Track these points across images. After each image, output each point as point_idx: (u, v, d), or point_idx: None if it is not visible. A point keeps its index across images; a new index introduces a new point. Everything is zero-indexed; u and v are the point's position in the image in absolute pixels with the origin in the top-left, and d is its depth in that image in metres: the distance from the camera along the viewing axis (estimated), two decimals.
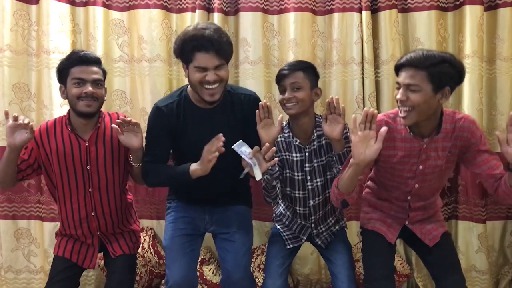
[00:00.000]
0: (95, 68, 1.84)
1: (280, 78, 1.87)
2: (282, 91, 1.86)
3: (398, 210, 1.88)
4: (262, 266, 2.46)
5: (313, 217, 1.96)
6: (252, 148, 1.67)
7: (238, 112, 1.85)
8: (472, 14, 2.35)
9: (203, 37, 1.66)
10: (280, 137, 1.92)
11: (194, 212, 1.92)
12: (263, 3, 2.51)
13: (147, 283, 2.40)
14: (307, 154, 1.90)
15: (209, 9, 2.49)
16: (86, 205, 1.89)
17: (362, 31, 2.45)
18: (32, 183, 2.49)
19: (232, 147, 1.67)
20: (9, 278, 2.50)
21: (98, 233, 1.94)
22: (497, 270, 2.54)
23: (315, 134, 1.90)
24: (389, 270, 1.84)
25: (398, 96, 1.63)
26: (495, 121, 2.46)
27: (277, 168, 1.85)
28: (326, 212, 1.99)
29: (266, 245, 2.10)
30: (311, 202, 1.94)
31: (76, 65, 1.82)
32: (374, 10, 2.47)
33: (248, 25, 2.50)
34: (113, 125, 1.82)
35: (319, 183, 1.93)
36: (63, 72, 1.85)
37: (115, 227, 1.98)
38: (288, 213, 2.01)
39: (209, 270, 2.46)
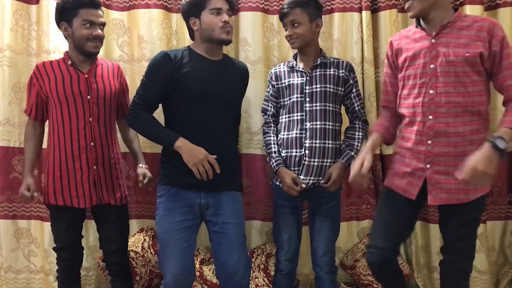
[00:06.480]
0: (101, 12, 1.98)
1: (281, 17, 1.99)
2: (285, 28, 2.00)
3: (419, 149, 1.70)
4: (262, 266, 2.46)
5: (307, 142, 1.95)
6: None
7: (236, 72, 2.00)
8: (472, 14, 2.34)
9: None
10: (284, 65, 2.08)
11: (189, 198, 1.84)
12: (263, 3, 2.51)
13: (147, 283, 2.39)
14: (308, 78, 1.99)
15: None
16: (86, 134, 1.95)
17: (362, 31, 2.45)
18: None
19: None
20: (9, 278, 2.49)
21: (94, 167, 1.97)
22: (497, 270, 2.54)
23: (319, 62, 1.99)
24: (385, 237, 1.73)
25: None
26: (495, 121, 2.44)
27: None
28: (324, 148, 1.95)
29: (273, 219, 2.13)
30: (308, 125, 1.95)
31: (85, 7, 1.92)
32: (374, 10, 2.48)
33: (248, 25, 2.50)
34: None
35: (318, 107, 1.96)
36: (69, 11, 1.92)
37: (107, 175, 2.01)
38: (284, 150, 2.01)
39: (209, 270, 2.46)
